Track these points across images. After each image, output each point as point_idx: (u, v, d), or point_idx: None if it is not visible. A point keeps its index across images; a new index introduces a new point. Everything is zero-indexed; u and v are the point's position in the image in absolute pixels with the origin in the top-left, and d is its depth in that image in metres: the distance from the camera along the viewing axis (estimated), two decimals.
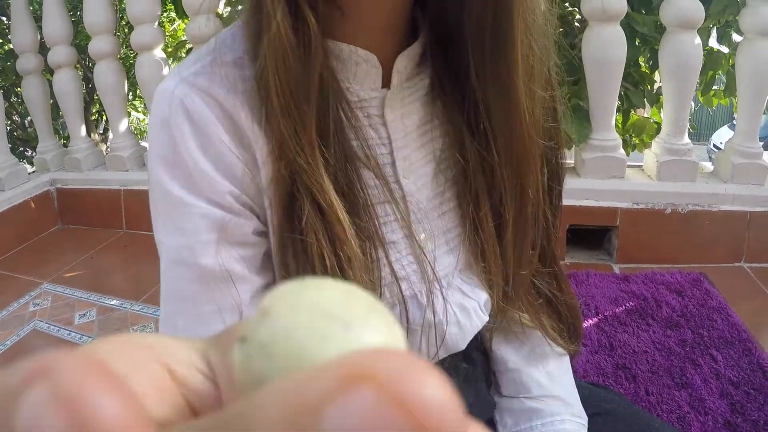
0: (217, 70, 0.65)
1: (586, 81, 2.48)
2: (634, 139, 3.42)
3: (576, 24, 2.98)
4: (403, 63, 0.72)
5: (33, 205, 3.17)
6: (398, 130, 0.74)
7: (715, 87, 3.72)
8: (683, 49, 2.35)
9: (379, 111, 0.72)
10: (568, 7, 2.98)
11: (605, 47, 2.36)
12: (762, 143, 2.50)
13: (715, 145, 7.97)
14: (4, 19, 6.40)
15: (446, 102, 0.76)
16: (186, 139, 0.64)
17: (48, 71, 3.34)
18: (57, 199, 3.31)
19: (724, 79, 3.76)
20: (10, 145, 3.37)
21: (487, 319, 0.82)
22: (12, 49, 4.70)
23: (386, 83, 0.72)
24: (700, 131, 12.70)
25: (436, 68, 0.76)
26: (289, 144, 0.61)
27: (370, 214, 0.69)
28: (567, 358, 0.94)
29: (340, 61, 0.68)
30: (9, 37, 5.42)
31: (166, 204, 0.65)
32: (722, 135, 7.98)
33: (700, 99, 3.71)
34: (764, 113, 2.91)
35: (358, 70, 0.69)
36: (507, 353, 0.92)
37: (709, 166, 2.68)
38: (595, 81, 2.43)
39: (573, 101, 2.68)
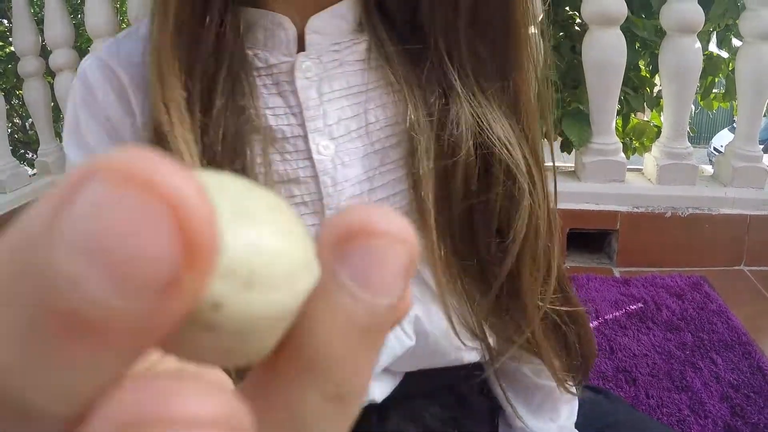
0: (124, 43, 0.67)
1: (586, 85, 2.49)
2: (634, 142, 3.44)
3: (576, 28, 2.99)
4: (322, 24, 0.65)
5: None
6: (312, 98, 0.65)
7: (715, 90, 3.74)
8: (683, 53, 2.36)
9: (289, 77, 0.65)
10: (568, 11, 3.00)
11: (605, 51, 2.36)
12: (762, 146, 2.51)
13: (715, 148, 7.95)
14: (5, 21, 6.42)
15: (393, 72, 0.66)
16: (82, 105, 0.66)
17: (49, 74, 3.35)
18: None
19: (724, 82, 3.78)
20: (11, 148, 3.37)
21: (411, 343, 0.71)
22: (13, 51, 4.71)
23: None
24: (701, 134, 12.71)
25: (378, 33, 0.66)
26: (153, 101, 0.58)
27: None
28: (576, 401, 0.85)
29: (248, 27, 0.64)
30: (10, 39, 5.44)
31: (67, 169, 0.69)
32: (722, 138, 7.97)
33: (701, 103, 3.73)
34: (764, 116, 2.92)
35: (268, 35, 0.64)
36: (516, 406, 0.80)
37: (709, 169, 2.69)
38: (595, 85, 2.44)
39: (573, 105, 2.70)
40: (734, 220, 2.41)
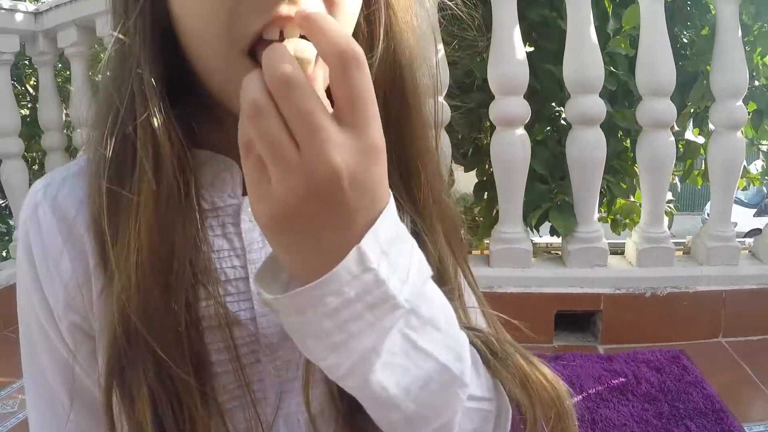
0: (80, 179, 0.63)
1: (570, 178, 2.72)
2: (625, 219, 3.66)
3: (562, 122, 3.23)
4: None
5: None
6: (256, 240, 0.63)
7: (701, 155, 3.98)
8: (657, 147, 2.61)
9: (234, 219, 0.63)
10: (554, 107, 3.24)
11: (586, 148, 2.62)
12: (755, 210, 2.72)
13: (709, 215, 8.15)
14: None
15: None
16: (35, 248, 0.62)
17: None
18: None
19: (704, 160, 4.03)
20: None
21: None
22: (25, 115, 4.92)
23: None
24: (694, 202, 12.93)
25: None
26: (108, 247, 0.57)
27: (198, 338, 0.57)
28: None
29: (198, 168, 0.59)
30: (21, 103, 5.67)
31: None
32: None
33: (686, 181, 3.97)
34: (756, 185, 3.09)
35: (215, 176, 0.62)
36: None
37: None
38: (578, 178, 2.68)
39: (559, 197, 2.92)
40: (710, 296, 2.62)
